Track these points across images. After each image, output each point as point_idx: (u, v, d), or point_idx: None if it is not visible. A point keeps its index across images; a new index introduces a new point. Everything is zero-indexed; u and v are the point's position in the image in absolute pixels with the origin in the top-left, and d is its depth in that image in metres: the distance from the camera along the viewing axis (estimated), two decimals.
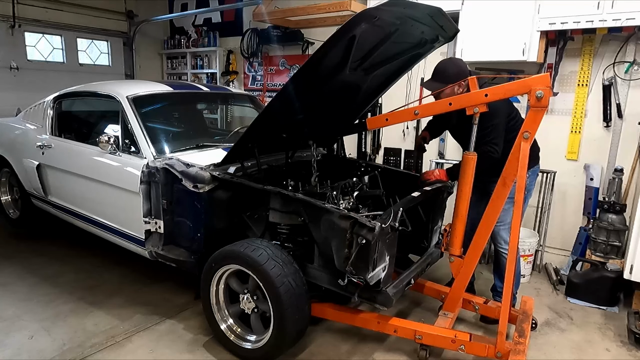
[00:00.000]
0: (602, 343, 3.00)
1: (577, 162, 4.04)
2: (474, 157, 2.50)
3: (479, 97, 2.32)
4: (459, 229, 2.65)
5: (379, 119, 2.92)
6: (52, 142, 3.80)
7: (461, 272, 2.67)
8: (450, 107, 2.42)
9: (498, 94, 2.27)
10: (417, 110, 2.55)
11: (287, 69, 6.24)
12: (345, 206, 2.81)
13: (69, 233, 4.32)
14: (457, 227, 2.65)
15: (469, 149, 2.54)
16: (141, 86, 3.57)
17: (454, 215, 2.65)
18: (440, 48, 3.09)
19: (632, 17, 3.27)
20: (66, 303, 3.24)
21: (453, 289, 2.77)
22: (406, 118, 2.76)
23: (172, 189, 2.85)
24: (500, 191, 2.45)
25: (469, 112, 2.38)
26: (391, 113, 2.73)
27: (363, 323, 2.69)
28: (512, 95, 2.32)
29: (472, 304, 3.01)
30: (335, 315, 2.75)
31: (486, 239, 2.58)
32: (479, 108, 2.34)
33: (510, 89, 2.26)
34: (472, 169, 2.51)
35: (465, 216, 2.62)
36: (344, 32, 2.19)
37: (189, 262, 2.87)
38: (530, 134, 2.22)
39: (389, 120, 2.75)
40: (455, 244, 2.69)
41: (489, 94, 2.29)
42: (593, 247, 3.71)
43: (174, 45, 7.50)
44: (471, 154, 2.51)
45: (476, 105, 2.34)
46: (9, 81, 6.25)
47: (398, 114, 2.69)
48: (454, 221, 2.66)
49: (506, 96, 2.29)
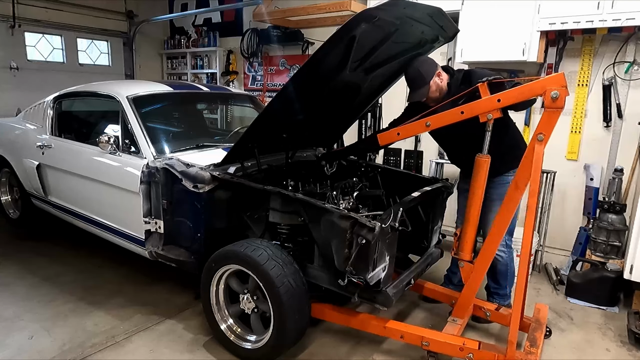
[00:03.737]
0: (602, 343, 3.00)
1: (577, 162, 4.05)
2: (487, 160, 2.42)
3: (491, 103, 2.24)
4: (469, 234, 2.58)
5: (390, 135, 2.77)
6: (52, 142, 3.80)
7: (471, 278, 2.59)
8: (462, 115, 2.33)
9: (511, 97, 2.19)
10: (429, 122, 2.48)
11: (287, 69, 6.24)
12: (345, 206, 2.81)
13: (69, 233, 4.32)
14: (468, 231, 2.57)
15: (462, 152, 2.51)
16: (141, 86, 3.57)
17: (465, 220, 2.58)
18: (440, 48, 3.09)
19: (632, 17, 3.27)
20: (66, 303, 3.24)
21: (463, 295, 2.70)
22: (418, 130, 2.67)
23: (172, 189, 2.85)
24: (513, 195, 2.36)
25: (483, 119, 2.29)
26: (403, 127, 2.67)
27: (371, 328, 2.64)
28: (527, 98, 2.21)
29: (483, 310, 2.91)
30: (341, 319, 2.72)
31: (497, 244, 2.52)
32: (492, 114, 2.25)
33: (523, 91, 2.17)
34: (485, 172, 2.43)
35: (477, 220, 2.54)
36: (344, 32, 2.19)
37: (189, 262, 2.87)
38: (544, 135, 2.12)
39: (400, 135, 2.69)
40: (466, 249, 2.60)
41: (501, 99, 2.20)
42: (593, 247, 3.71)
43: (174, 45, 7.50)
44: (484, 157, 2.42)
45: (489, 112, 2.25)
46: (9, 81, 6.26)
47: (410, 127, 2.63)
48: (465, 225, 2.58)
49: (520, 99, 2.20)
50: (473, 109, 2.30)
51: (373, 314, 3.15)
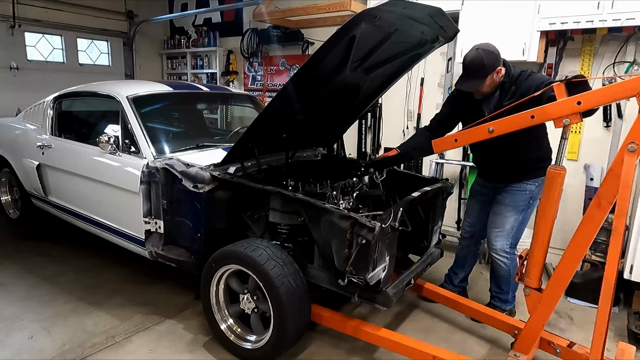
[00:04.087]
0: None
1: (577, 162, 4.04)
2: (561, 172, 2.11)
3: (570, 106, 1.94)
4: (538, 257, 2.25)
5: (446, 141, 2.45)
6: (52, 142, 3.80)
7: (539, 308, 2.25)
8: (532, 120, 2.04)
9: (594, 100, 1.89)
10: (492, 127, 2.18)
11: (287, 69, 6.24)
12: (345, 206, 2.81)
13: (69, 233, 4.32)
14: (537, 254, 2.25)
15: (487, 154, 2.39)
16: (141, 86, 3.57)
17: (534, 240, 2.25)
18: (440, 48, 3.09)
19: (632, 17, 3.27)
20: (66, 303, 3.24)
21: (528, 327, 2.34)
22: (479, 137, 2.30)
23: (172, 189, 2.85)
24: (594, 214, 2.01)
25: (558, 124, 2.02)
26: (460, 133, 2.40)
27: (381, 342, 2.49)
28: (612, 101, 1.95)
29: (552, 346, 2.49)
30: (337, 324, 2.65)
31: (574, 269, 2.15)
32: (570, 119, 1.96)
33: (607, 93, 1.87)
34: (559, 186, 2.12)
35: (547, 242, 2.24)
36: (344, 32, 2.19)
37: (189, 262, 2.87)
38: (637, 145, 1.81)
39: (458, 141, 2.41)
40: (533, 275, 2.28)
41: (582, 101, 1.90)
42: (593, 247, 3.71)
43: (174, 45, 7.50)
44: (559, 169, 2.12)
45: (567, 116, 1.96)
46: (9, 81, 6.26)
47: (469, 134, 2.32)
48: (533, 247, 2.26)
49: (605, 102, 1.95)
50: (547, 112, 2.02)
51: (373, 314, 3.17)
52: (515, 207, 2.87)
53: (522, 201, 2.87)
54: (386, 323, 3.09)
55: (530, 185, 2.84)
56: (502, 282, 3.06)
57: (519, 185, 2.84)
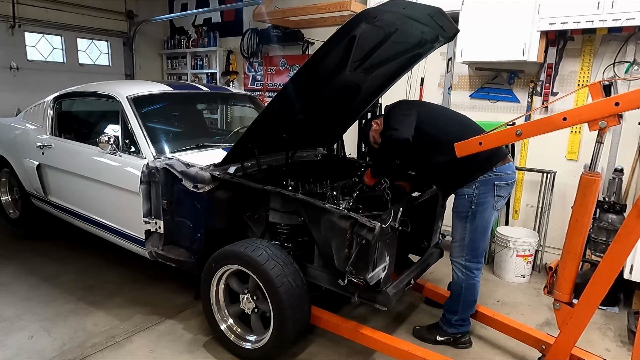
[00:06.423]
0: (602, 343, 3.00)
1: (577, 162, 4.04)
2: (597, 179, 1.97)
3: (607, 107, 1.80)
4: (570, 269, 2.12)
5: (470, 144, 2.29)
6: (52, 142, 3.80)
7: (570, 324, 2.13)
8: (564, 123, 1.91)
9: (633, 101, 1.76)
10: (520, 130, 2.06)
11: (287, 69, 6.24)
12: (345, 206, 2.81)
13: (69, 233, 4.32)
14: (568, 266, 2.12)
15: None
16: (141, 86, 3.57)
17: (565, 251, 2.13)
18: (440, 48, 3.09)
19: (632, 17, 3.27)
20: (66, 303, 3.24)
21: (558, 344, 2.22)
22: (505, 140, 2.24)
23: (172, 189, 2.85)
24: (634, 225, 1.87)
25: (593, 127, 1.87)
26: (486, 136, 2.26)
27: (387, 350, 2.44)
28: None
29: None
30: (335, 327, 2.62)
31: (610, 283, 2.02)
32: (607, 121, 1.81)
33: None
34: (594, 193, 1.99)
35: (580, 253, 2.11)
36: (344, 32, 2.19)
37: (189, 262, 2.87)
38: None
39: (483, 145, 2.25)
40: (564, 288, 2.15)
41: (620, 102, 1.77)
42: (593, 247, 3.71)
43: (174, 45, 7.50)
44: (594, 174, 1.99)
45: (603, 118, 1.82)
46: (9, 81, 6.25)
47: (494, 137, 2.21)
48: (564, 258, 2.13)
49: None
50: (580, 114, 1.88)
51: (373, 314, 3.17)
52: (458, 214, 2.66)
53: (462, 207, 2.62)
54: (386, 323, 3.09)
55: (468, 188, 2.58)
56: (452, 298, 2.79)
57: (460, 190, 2.61)
